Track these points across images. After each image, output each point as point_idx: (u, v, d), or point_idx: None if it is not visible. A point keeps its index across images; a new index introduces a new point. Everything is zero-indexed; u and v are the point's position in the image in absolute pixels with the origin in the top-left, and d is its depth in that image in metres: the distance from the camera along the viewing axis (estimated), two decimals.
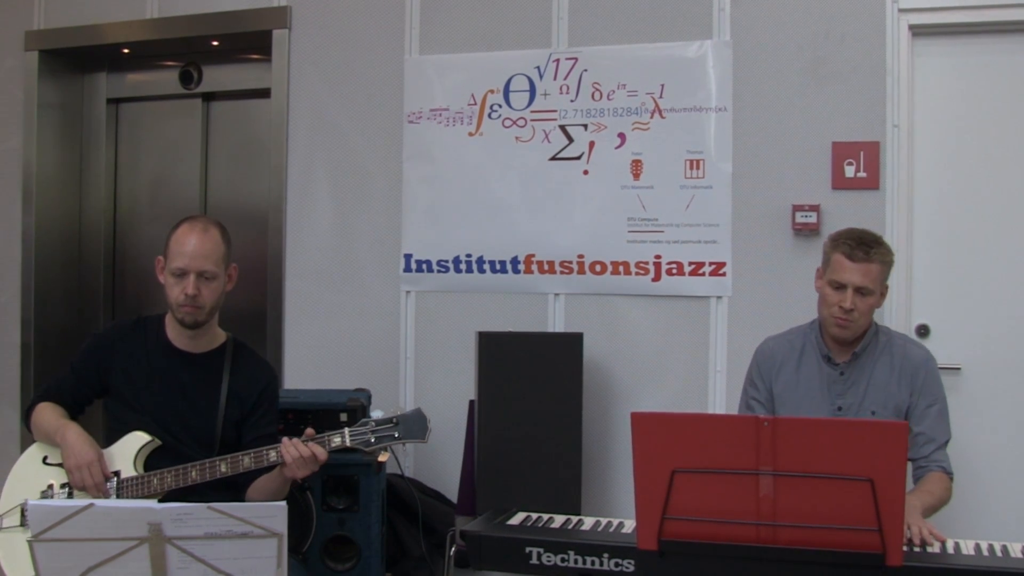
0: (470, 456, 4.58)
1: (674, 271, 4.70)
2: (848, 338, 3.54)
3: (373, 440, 3.29)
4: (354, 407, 4.46)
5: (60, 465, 3.45)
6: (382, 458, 4.36)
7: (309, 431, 3.32)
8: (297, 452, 3.27)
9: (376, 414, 3.35)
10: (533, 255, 4.89)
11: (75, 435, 3.42)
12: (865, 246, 3.47)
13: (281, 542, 2.52)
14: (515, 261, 4.92)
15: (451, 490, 4.82)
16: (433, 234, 5.07)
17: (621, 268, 4.77)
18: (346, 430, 3.29)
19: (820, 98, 4.56)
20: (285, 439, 3.30)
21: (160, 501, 2.55)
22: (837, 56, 4.54)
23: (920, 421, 3.48)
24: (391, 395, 5.07)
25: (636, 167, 4.76)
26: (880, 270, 3.49)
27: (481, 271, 4.97)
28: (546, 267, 4.88)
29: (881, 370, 3.55)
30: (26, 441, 3.63)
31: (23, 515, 3.43)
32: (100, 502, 2.54)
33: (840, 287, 3.48)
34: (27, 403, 3.70)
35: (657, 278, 4.73)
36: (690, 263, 4.68)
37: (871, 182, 4.46)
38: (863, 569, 2.72)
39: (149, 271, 3.59)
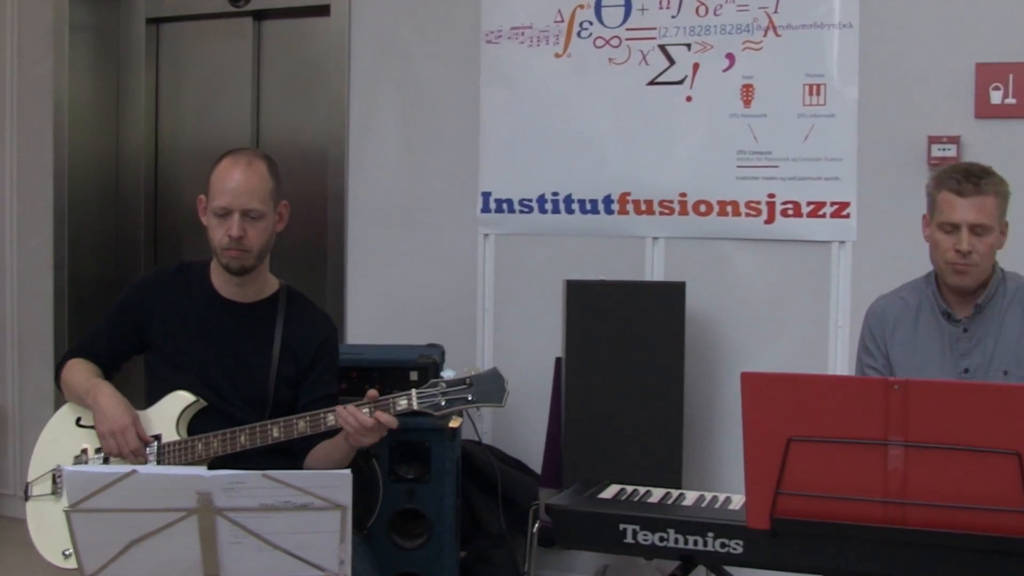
0: (556, 421, 4.59)
1: (790, 212, 4.66)
2: (970, 286, 3.46)
3: (444, 403, 3.28)
4: (425, 365, 4.48)
5: (93, 427, 3.50)
6: (453, 424, 4.39)
7: (371, 393, 3.32)
8: (356, 422, 3.28)
9: (447, 374, 3.35)
10: (628, 193, 4.88)
11: (107, 397, 3.46)
12: (974, 177, 3.40)
13: (345, 515, 2.54)
14: (608, 200, 4.91)
15: (534, 459, 4.84)
16: (515, 170, 5.08)
17: (729, 208, 4.75)
18: (413, 392, 3.29)
19: (962, 12, 4.46)
20: (339, 407, 3.31)
21: (208, 468, 2.58)
22: None
23: None
24: (467, 351, 5.10)
25: (747, 93, 4.72)
26: (996, 203, 3.41)
27: (569, 211, 4.97)
28: (643, 207, 4.86)
29: (1012, 323, 3.47)
30: (61, 403, 3.69)
31: (55, 482, 3.50)
32: (144, 469, 2.57)
33: (953, 229, 3.41)
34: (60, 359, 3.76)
35: (770, 220, 4.69)
36: (808, 203, 4.64)
37: (1021, 110, 4.37)
38: (1008, 556, 2.69)
39: (194, 212, 3.61)
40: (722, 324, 4.79)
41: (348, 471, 2.55)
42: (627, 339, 4.47)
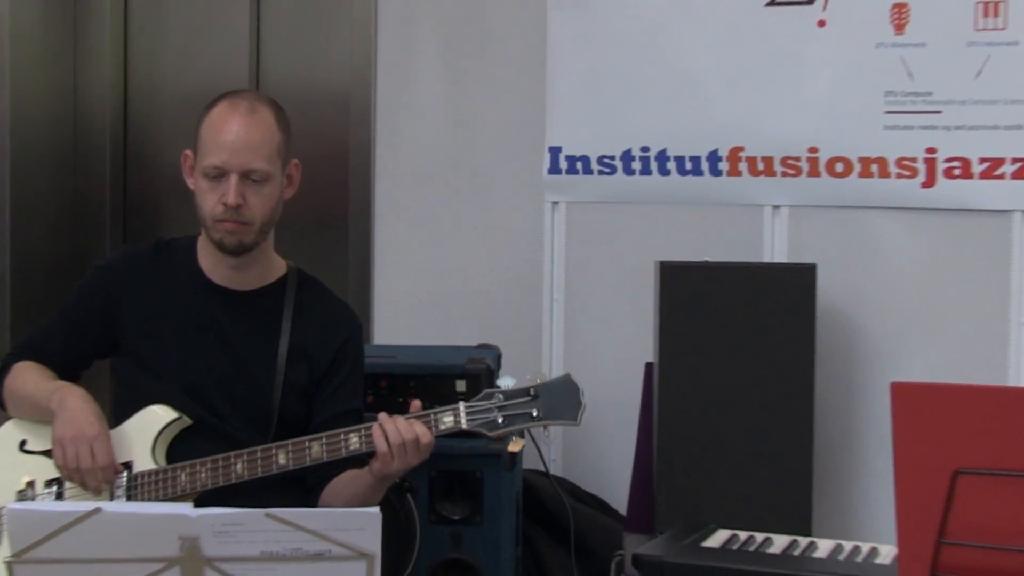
0: (646, 445, 4.60)
1: (956, 172, 4.65)
2: None
3: (501, 421, 3.28)
4: (476, 372, 4.48)
5: (46, 453, 3.50)
6: (514, 447, 4.39)
7: (416, 404, 3.32)
8: (399, 436, 3.26)
9: (505, 382, 3.34)
10: (741, 149, 4.87)
11: (80, 401, 3.46)
12: None
13: (372, 567, 2.54)
14: (714, 157, 4.91)
15: (618, 495, 4.86)
16: (592, 118, 5.08)
17: (875, 167, 4.73)
18: (461, 406, 3.29)
19: None
20: (383, 415, 3.29)
21: (195, 505, 2.57)
22: None
23: None
24: (530, 354, 5.11)
25: (899, 14, 4.69)
26: None
27: (664, 172, 4.97)
28: (761, 166, 4.85)
29: None
30: (0, 421, 3.71)
31: None
32: (110, 506, 2.59)
33: None
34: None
35: (930, 182, 4.68)
36: (982, 160, 4.62)
37: None
38: None
39: (176, 173, 3.62)
40: (865, 319, 4.78)
41: (377, 510, 2.55)
42: (739, 339, 4.46)
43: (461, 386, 4.48)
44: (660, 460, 4.48)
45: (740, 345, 4.46)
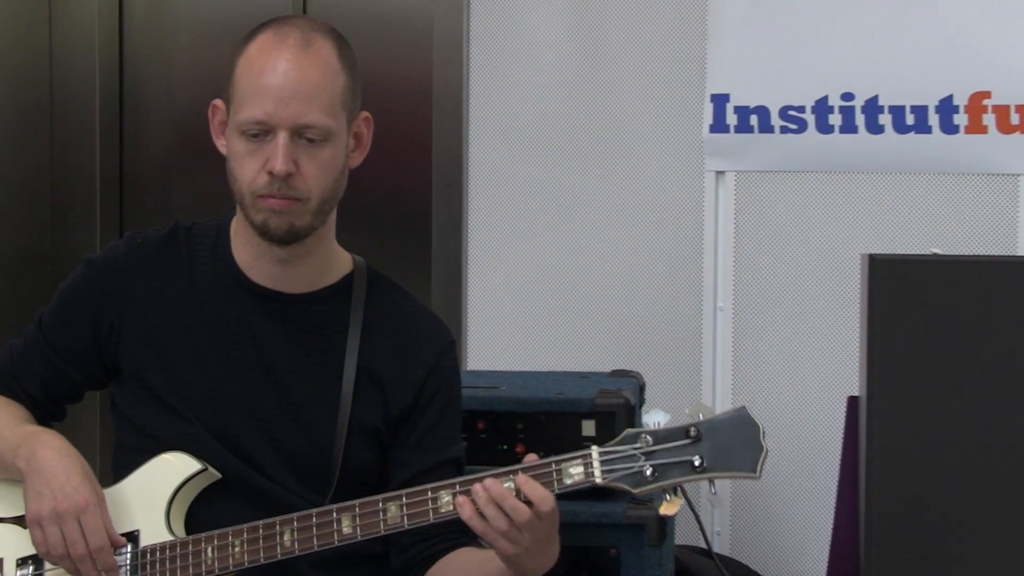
0: (849, 511, 4.60)
1: None
2: None
3: (650, 473, 3.23)
4: (611, 409, 4.47)
5: (18, 520, 3.51)
6: (667, 509, 4.32)
7: (530, 457, 3.27)
8: (499, 514, 3.16)
9: (654, 418, 3.30)
10: (987, 95, 4.87)
11: (55, 455, 3.44)
12: None
13: None
14: (947, 107, 4.91)
15: None
16: (772, 55, 5.10)
17: None
18: (594, 451, 3.24)
19: None
20: (490, 480, 3.21)
21: None
22: None
23: None
24: (686, 384, 5.16)
25: None
26: None
27: (874, 129, 4.97)
28: (1016, 119, 4.84)
29: None
30: None
31: None
32: None
33: None
34: None
35: None
36: None
37: None
38: None
39: (196, 135, 3.60)
40: None
41: None
42: (983, 363, 4.42)
43: (589, 428, 4.48)
44: (870, 532, 4.44)
45: (984, 372, 4.41)
